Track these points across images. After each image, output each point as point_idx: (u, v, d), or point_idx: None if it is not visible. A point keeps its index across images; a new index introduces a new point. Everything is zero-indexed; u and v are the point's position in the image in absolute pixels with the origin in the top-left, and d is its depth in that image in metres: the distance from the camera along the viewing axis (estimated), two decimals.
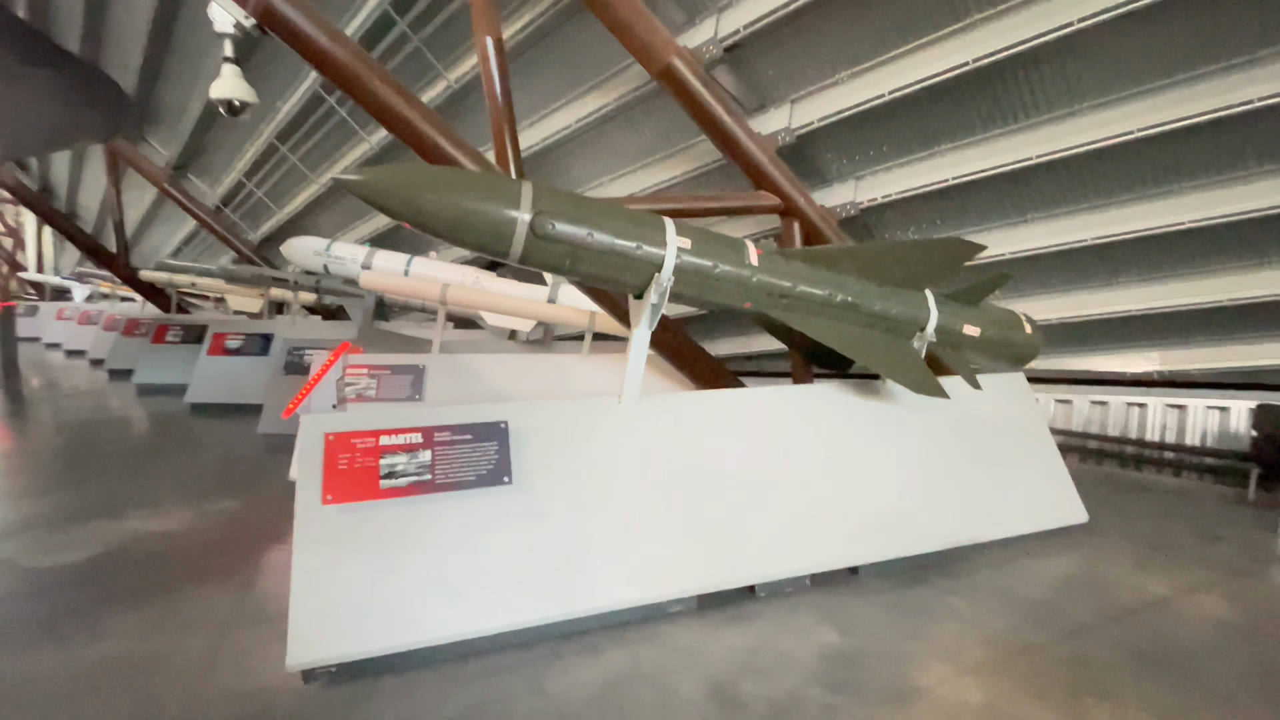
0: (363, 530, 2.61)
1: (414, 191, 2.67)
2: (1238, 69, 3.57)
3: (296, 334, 7.52)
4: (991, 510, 3.72)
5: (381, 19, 5.52)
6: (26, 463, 5.32)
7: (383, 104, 3.65)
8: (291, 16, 3.39)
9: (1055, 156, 4.09)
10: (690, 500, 3.11)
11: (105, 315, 10.90)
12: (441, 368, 5.01)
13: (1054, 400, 5.90)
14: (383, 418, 2.82)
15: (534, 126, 5.96)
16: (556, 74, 5.41)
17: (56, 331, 12.93)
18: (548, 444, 3.01)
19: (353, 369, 4.83)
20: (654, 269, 3.02)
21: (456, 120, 6.30)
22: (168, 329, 8.86)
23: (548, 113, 5.78)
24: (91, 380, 9.78)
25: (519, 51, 5.33)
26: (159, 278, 9.89)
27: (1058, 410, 5.90)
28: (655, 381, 5.14)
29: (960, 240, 3.44)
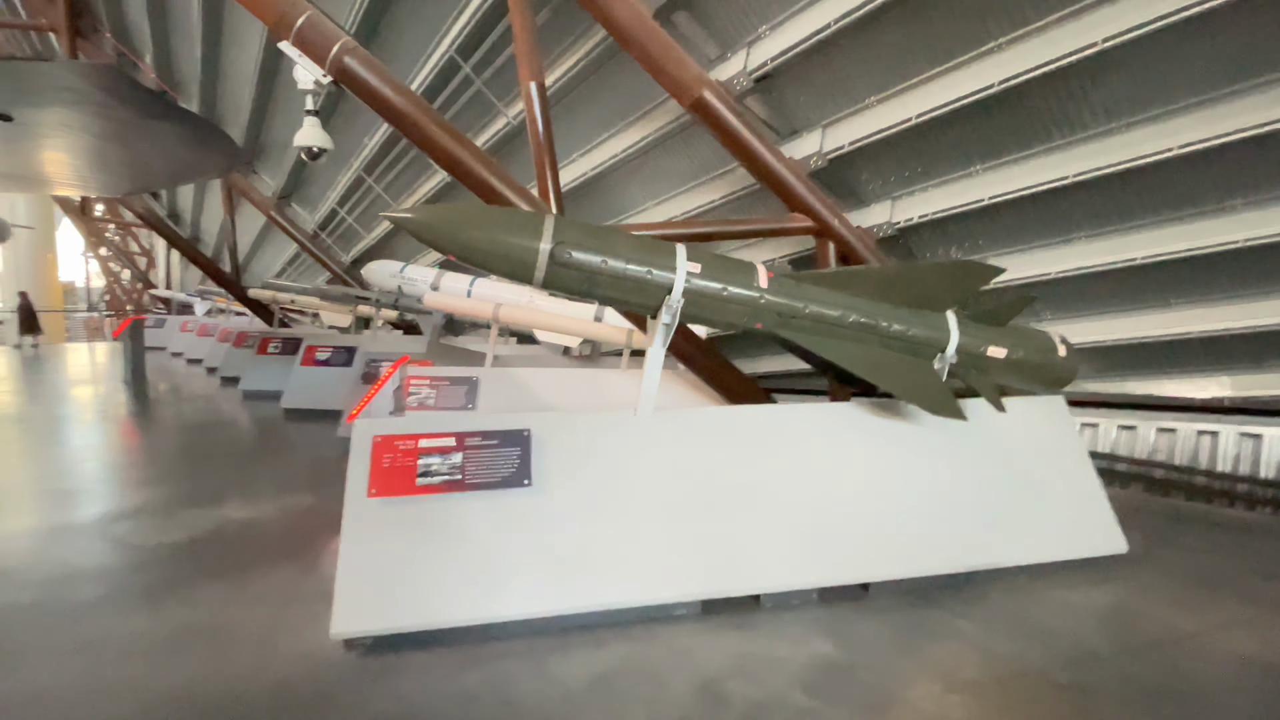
0: (400, 521, 2.97)
1: (451, 228, 3.06)
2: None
3: (376, 348, 8.24)
4: (1019, 535, 3.66)
5: (449, 64, 6.10)
6: (145, 457, 6.19)
7: (438, 145, 4.11)
8: (361, 73, 3.92)
9: (1091, 175, 4.00)
10: (699, 510, 3.29)
11: (220, 328, 12.30)
12: (493, 380, 5.43)
13: (1116, 426, 5.60)
14: (422, 423, 3.20)
15: (586, 155, 6.36)
16: (603, 108, 5.79)
17: (180, 342, 14.67)
18: (566, 452, 3.28)
19: (416, 380, 5.34)
20: (665, 292, 3.26)
21: (516, 154, 6.82)
22: (270, 341, 9.91)
23: (596, 144, 6.16)
24: (205, 386, 11.05)
25: (570, 88, 5.76)
26: (264, 295, 11.09)
27: (1120, 437, 5.60)
28: (687, 396, 5.34)
29: (975, 263, 3.46)
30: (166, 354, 15.32)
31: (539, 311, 5.67)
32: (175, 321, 15.96)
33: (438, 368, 5.50)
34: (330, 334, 9.75)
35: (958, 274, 3.51)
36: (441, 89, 6.54)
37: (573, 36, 5.35)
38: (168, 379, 11.92)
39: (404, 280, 7.28)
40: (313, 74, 3.87)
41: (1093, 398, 5.53)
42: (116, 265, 25.69)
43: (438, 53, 6.13)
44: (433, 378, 5.31)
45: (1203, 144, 3.62)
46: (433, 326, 6.70)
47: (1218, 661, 2.80)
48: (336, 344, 8.53)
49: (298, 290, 10.14)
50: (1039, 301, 5.12)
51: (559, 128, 6.32)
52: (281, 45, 3.86)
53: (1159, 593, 3.49)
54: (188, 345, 13.95)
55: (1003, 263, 4.96)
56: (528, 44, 4.27)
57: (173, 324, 15.90)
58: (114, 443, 6.72)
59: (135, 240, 21.21)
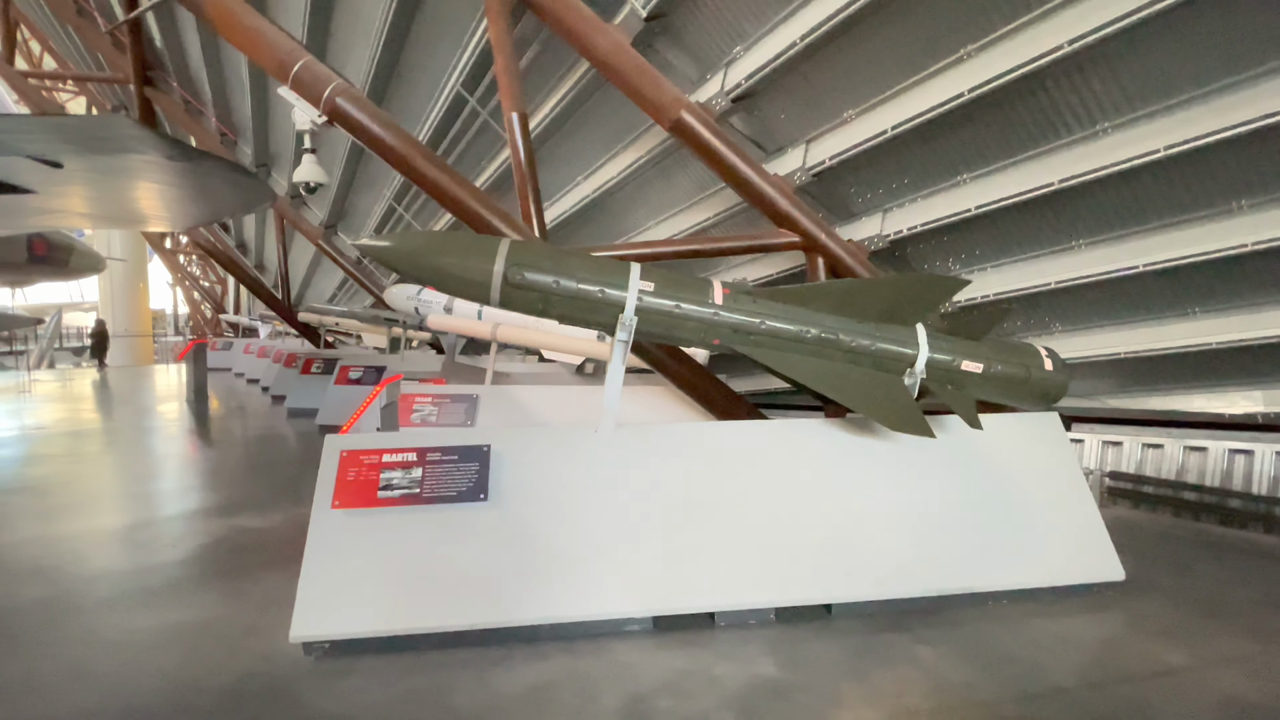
0: (361, 532, 3.13)
1: (412, 254, 3.25)
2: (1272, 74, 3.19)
3: (404, 367, 8.65)
4: (1002, 559, 3.48)
5: (457, 97, 6.44)
6: (187, 470, 6.68)
7: (425, 176, 4.35)
8: (352, 112, 4.22)
9: (1079, 181, 3.84)
10: (657, 526, 3.30)
11: (275, 350, 13.16)
12: (492, 397, 5.62)
13: (1142, 445, 5.25)
14: (387, 439, 3.38)
15: (588, 180, 6.54)
16: (597, 135, 5.97)
17: (243, 363, 15.78)
18: (526, 467, 3.38)
19: (420, 398, 5.59)
20: (618, 310, 3.34)
21: None
22: (313, 361, 10.53)
23: (595, 169, 6.34)
24: (259, 404, 11.82)
25: (566, 115, 5.98)
26: (311, 319, 11.81)
27: (1147, 456, 5.23)
28: (675, 411, 5.36)
29: (940, 275, 3.39)
30: (231, 374, 16.49)
31: (538, 331, 5.84)
32: (241, 344, 17.17)
33: (439, 386, 5.73)
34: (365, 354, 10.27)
35: (922, 286, 3.42)
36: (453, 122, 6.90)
37: (565, 67, 5.55)
38: (227, 397, 12.82)
39: (420, 303, 7.65)
40: (309, 115, 4.19)
41: (1115, 414, 5.21)
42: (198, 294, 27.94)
43: (449, 86, 6.47)
44: (435, 395, 5.54)
45: (1190, 144, 3.42)
46: (449, 346, 6.99)
47: (1195, 701, 2.59)
48: (368, 364, 8.98)
49: (337, 313, 10.77)
50: (1048, 314, 4.90)
51: (559, 155, 6.60)
52: (280, 90, 4.21)
53: (1153, 624, 3.25)
54: (249, 366, 14.99)
55: (1002, 273, 4.80)
56: (509, 77, 4.48)
57: (239, 347, 17.11)
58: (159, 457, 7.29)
59: (213, 270, 22.98)
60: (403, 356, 9.11)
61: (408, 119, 7.62)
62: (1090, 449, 5.46)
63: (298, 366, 10.95)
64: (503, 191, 7.63)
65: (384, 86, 7.24)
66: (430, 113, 6.97)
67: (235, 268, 13.02)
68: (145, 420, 9.98)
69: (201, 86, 11.03)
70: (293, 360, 11.54)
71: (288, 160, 10.60)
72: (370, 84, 7.18)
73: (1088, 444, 5.48)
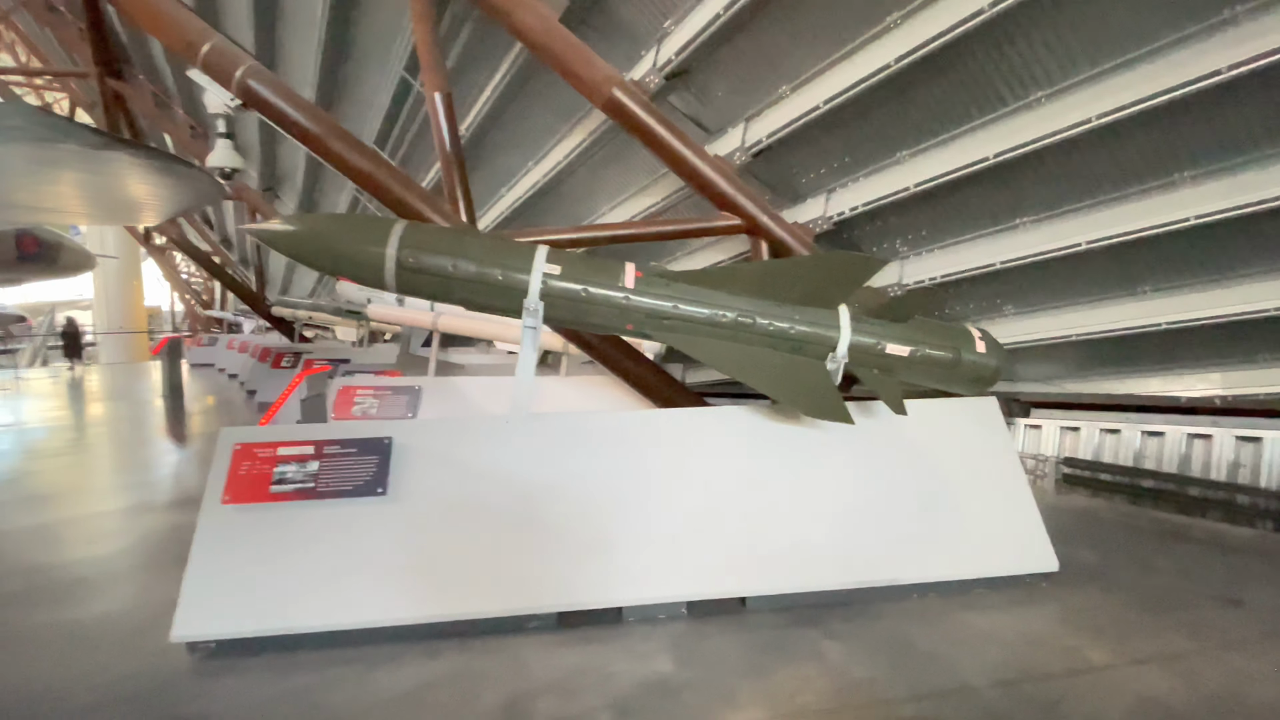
0: (251, 528, 3.02)
1: (299, 240, 3.12)
2: (1229, 24, 3.00)
3: (367, 359, 8.55)
4: (929, 550, 3.36)
5: (402, 83, 6.29)
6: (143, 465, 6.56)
7: (344, 160, 4.20)
8: (264, 93, 4.07)
9: (1013, 154, 3.67)
10: (563, 518, 3.19)
11: (253, 345, 13.09)
12: (435, 389, 5.50)
13: (1099, 430, 5.09)
14: (285, 432, 3.26)
15: (538, 164, 6.39)
16: (543, 117, 5.81)
17: (225, 359, 15.71)
18: (430, 459, 3.26)
19: (362, 390, 5.48)
20: (522, 295, 3.20)
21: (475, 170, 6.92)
22: (283, 356, 10.44)
23: (545, 153, 6.18)
24: (233, 399, 11.74)
25: (510, 96, 5.81)
26: (284, 313, 11.72)
27: (1104, 442, 5.08)
28: (622, 403, 5.24)
29: (856, 255, 3.24)
30: (215, 370, 16.43)
31: (478, 320, 5.71)
32: (226, 340, 17.11)
33: (384, 378, 5.62)
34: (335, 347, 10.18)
35: (841, 267, 3.27)
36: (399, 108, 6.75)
37: (503, 47, 5.39)
38: (204, 393, 12.75)
39: (372, 294, 7.52)
40: (221, 98, 4.05)
41: (1073, 399, 5.05)
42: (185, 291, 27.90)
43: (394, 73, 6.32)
44: (376, 388, 5.42)
45: (1122, 111, 3.24)
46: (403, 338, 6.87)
47: (1107, 702, 2.45)
48: (332, 357, 8.88)
49: (307, 306, 10.67)
50: (998, 296, 4.75)
51: (508, 140, 6.45)
52: (190, 73, 4.06)
53: (1086, 618, 3.11)
54: (230, 362, 14.91)
55: (948, 254, 4.64)
56: (431, 54, 4.32)
57: (224, 342, 17.05)
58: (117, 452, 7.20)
59: (201, 266, 22.88)
60: (365, 349, 9.00)
61: (357, 107, 7.49)
62: (1048, 435, 5.32)
63: (270, 361, 10.89)
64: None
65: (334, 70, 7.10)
66: (379, 100, 6.82)
67: (208, 261, 12.91)
68: (113, 417, 9.91)
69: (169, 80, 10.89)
70: (266, 355, 11.46)
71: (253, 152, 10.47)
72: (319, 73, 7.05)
73: (1046, 430, 5.33)
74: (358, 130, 7.70)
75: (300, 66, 7.35)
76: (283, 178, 11.51)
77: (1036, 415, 5.39)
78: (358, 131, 7.74)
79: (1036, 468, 5.21)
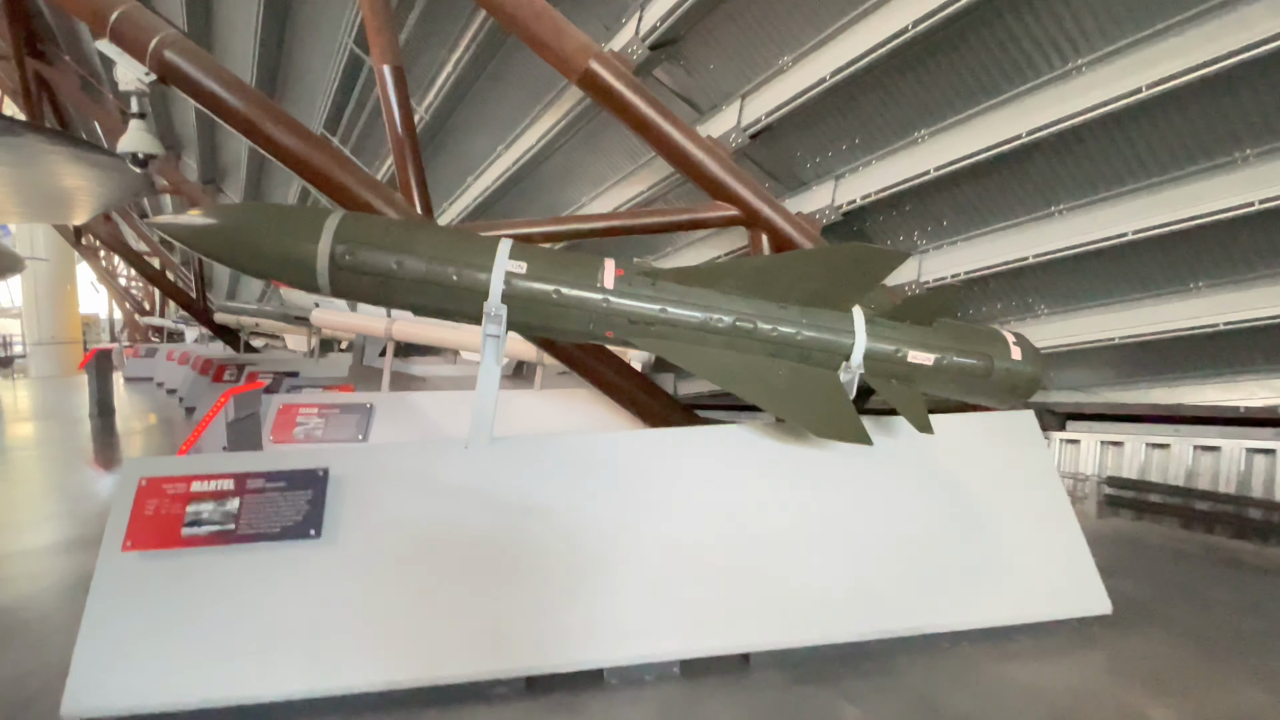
0: (158, 580, 2.76)
1: (214, 235, 2.88)
2: None
3: (317, 372, 8.26)
4: (960, 592, 3.15)
5: (353, 58, 6.05)
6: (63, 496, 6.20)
7: (279, 144, 3.95)
8: (184, 67, 3.81)
9: (1050, 131, 3.49)
10: (534, 562, 2.96)
11: (194, 356, 12.72)
12: (391, 407, 5.24)
13: (1145, 445, 4.91)
14: (201, 463, 3.00)
15: (509, 149, 6.17)
16: (513, 95, 5.59)
17: (164, 371, 15.27)
18: (374, 494, 3.02)
19: (304, 409, 5.20)
20: (481, 297, 2.97)
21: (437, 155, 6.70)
22: (225, 368, 10.12)
23: (515, 136, 5.96)
24: (170, 418, 11.37)
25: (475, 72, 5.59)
26: (229, 319, 11.39)
27: (1152, 458, 4.90)
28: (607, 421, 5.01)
29: (872, 247, 3.03)
30: (153, 385, 15.97)
31: (440, 326, 5.46)
32: (165, 350, 16.66)
33: (330, 394, 5.35)
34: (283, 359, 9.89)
35: (854, 261, 3.07)
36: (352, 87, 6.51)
37: (465, 15, 5.17)
38: (139, 411, 12.36)
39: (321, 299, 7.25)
40: (134, 72, 3.79)
41: (1115, 410, 4.87)
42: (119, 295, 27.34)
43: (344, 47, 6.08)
44: (321, 406, 5.15)
45: (1179, 79, 3.06)
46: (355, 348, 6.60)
47: None
48: (280, 369, 8.58)
49: (251, 312, 10.36)
50: (1030, 294, 4.57)
51: (474, 122, 6.22)
52: (99, 45, 3.81)
53: (1142, 667, 2.91)
54: (169, 375, 14.49)
55: (974, 247, 4.46)
56: (378, 20, 4.09)
57: (163, 353, 16.60)
58: (33, 482, 6.85)
59: (135, 267, 22.44)
60: (317, 361, 8.71)
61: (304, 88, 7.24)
62: (1087, 451, 5.14)
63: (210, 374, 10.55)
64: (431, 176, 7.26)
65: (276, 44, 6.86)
66: (327, 78, 6.58)
67: (141, 263, 12.56)
68: (35, 439, 9.52)
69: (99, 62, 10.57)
70: (207, 367, 11.11)
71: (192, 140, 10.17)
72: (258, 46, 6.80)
73: (1084, 445, 5.16)
74: (306, 113, 7.47)
75: (240, 39, 7.11)
76: (226, 169, 11.20)
77: (1073, 428, 5.22)
78: (306, 115, 7.52)
79: (1075, 488, 5.03)
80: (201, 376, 11.36)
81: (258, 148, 4.04)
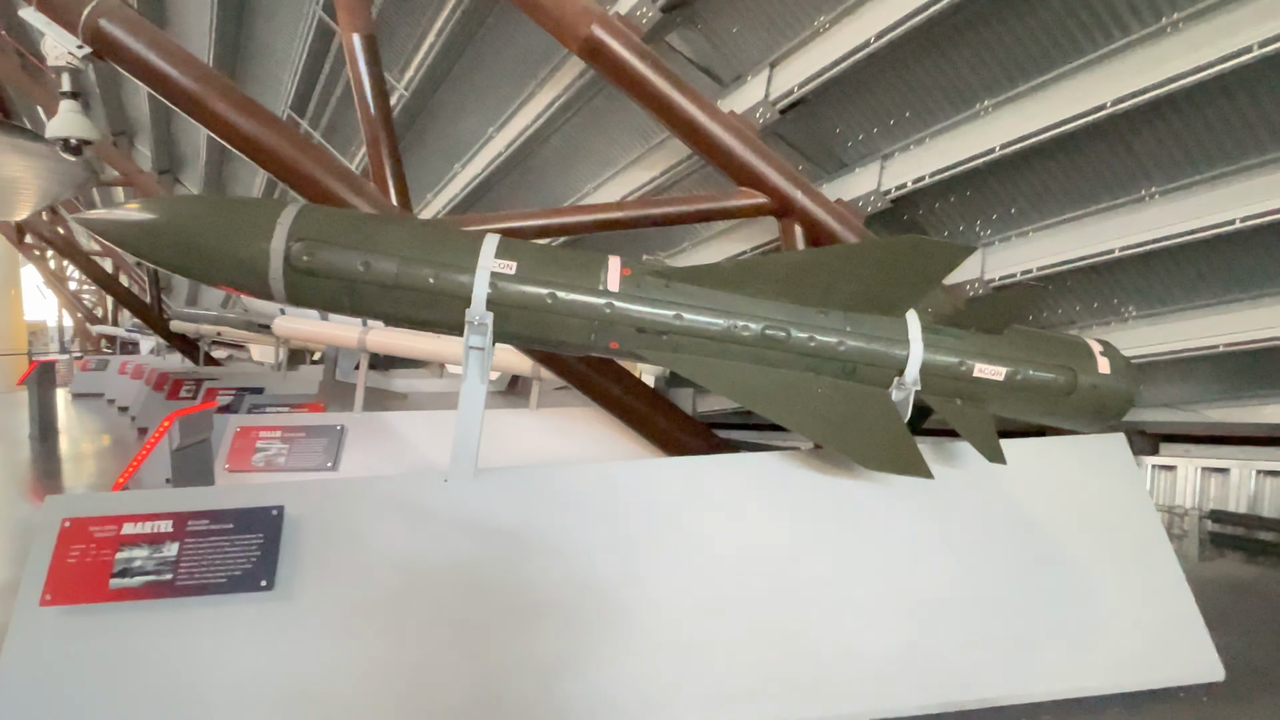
0: (81, 641, 2.67)
1: (147, 233, 2.80)
2: None
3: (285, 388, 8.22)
4: (1039, 656, 3.00)
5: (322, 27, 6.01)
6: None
7: (230, 125, 3.88)
8: (122, 38, 3.76)
9: (1141, 99, 3.33)
10: (523, 620, 2.84)
11: (148, 369, 12.76)
12: (364, 429, 5.15)
13: (1256, 472, 4.70)
14: (133, 500, 2.90)
15: (501, 131, 6.10)
16: (504, 68, 5.52)
17: (116, 386, 15.34)
18: (337, 537, 2.93)
19: (266, 433, 5.12)
20: (464, 303, 2.86)
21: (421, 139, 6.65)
22: (182, 384, 10.13)
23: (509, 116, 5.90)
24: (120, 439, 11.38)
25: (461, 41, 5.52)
26: (187, 328, 11.41)
27: (1263, 488, 4.70)
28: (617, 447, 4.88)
29: (931, 240, 2.89)
30: (104, 401, 16.05)
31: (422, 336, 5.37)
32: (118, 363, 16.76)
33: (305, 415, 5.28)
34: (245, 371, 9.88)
35: (909, 256, 2.94)
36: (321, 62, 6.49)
37: None
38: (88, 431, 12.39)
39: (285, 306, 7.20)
40: (64, 45, 3.74)
41: (1218, 431, 4.67)
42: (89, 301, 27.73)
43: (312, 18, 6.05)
44: (285, 429, 5.07)
45: None
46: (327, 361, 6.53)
47: None
48: (243, 385, 8.56)
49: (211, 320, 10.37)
50: (1115, 294, 4.40)
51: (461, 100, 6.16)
52: (24, 13, 3.76)
53: None
54: (121, 390, 14.54)
55: (1048, 238, 4.31)
56: None
57: (115, 366, 16.70)
58: None
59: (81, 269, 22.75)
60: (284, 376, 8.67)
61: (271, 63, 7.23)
62: (1185, 479, 4.95)
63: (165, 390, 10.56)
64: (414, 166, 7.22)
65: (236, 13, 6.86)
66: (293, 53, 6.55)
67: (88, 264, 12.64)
68: None
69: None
70: (162, 382, 11.12)
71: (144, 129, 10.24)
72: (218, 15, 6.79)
73: (1182, 472, 4.97)
74: (271, 94, 7.46)
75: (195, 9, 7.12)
76: (184, 158, 11.27)
77: (1169, 452, 5.03)
78: (271, 96, 7.51)
79: (1171, 523, 4.83)
80: (156, 393, 11.39)
81: (206, 130, 3.97)
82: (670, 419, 4.56)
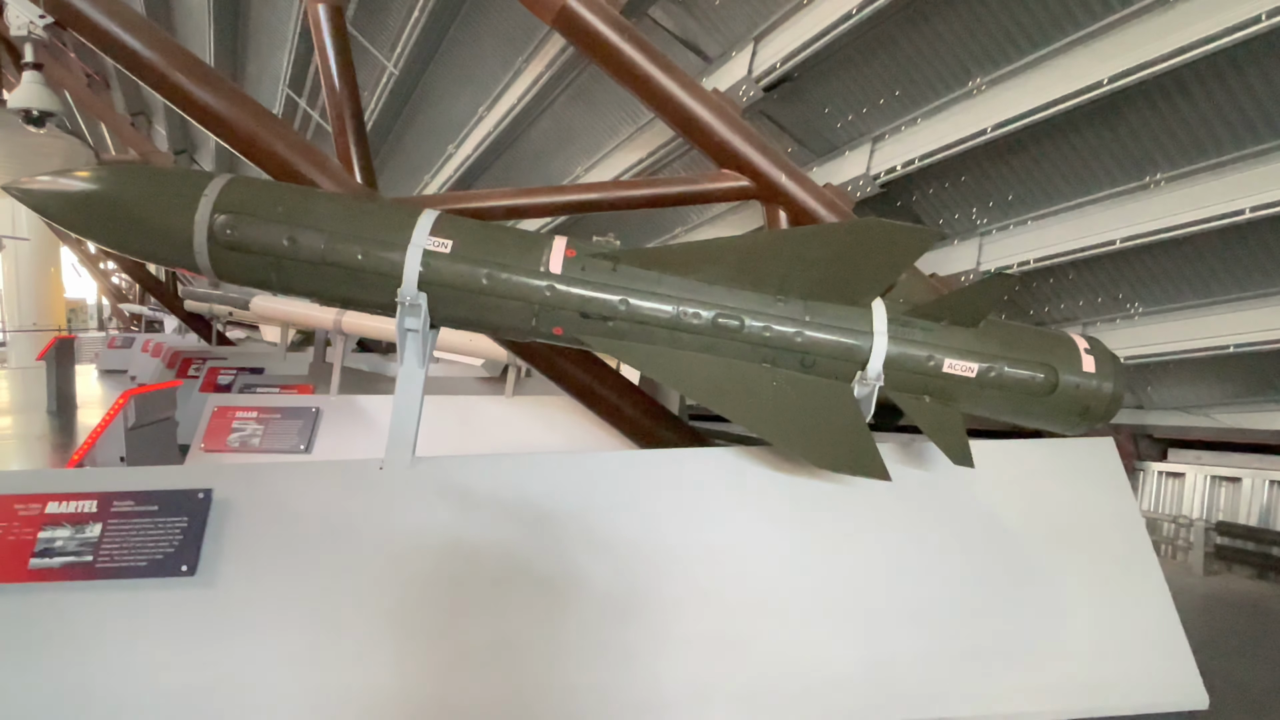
0: None
1: (70, 203, 2.72)
2: None
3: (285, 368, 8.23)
4: (1003, 675, 2.79)
5: None
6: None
7: (193, 99, 3.79)
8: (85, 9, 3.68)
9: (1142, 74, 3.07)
10: (458, 615, 2.71)
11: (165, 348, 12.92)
12: (339, 412, 5.07)
13: (1269, 482, 4.41)
14: (57, 478, 2.83)
15: (491, 110, 5.96)
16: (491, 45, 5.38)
17: (138, 364, 15.61)
18: (267, 523, 2.82)
19: (241, 413, 5.07)
20: (395, 282, 2.72)
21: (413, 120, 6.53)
22: (192, 361, 10.21)
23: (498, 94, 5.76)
24: None
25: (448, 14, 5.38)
26: (200, 307, 11.52)
27: (1274, 499, 4.40)
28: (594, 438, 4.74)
29: (897, 224, 2.68)
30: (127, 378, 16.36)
31: None
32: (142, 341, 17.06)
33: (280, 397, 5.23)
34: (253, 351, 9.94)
35: (871, 241, 2.73)
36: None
37: None
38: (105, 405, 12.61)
39: None
40: (26, 14, 3.66)
41: (1228, 436, 4.39)
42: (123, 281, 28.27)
43: None
44: (261, 410, 5.01)
45: None
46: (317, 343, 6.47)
47: None
48: (245, 365, 8.59)
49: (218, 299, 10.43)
50: (1118, 287, 4.14)
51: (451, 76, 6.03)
52: None
53: None
54: (142, 367, 14.79)
55: (1047, 228, 4.08)
56: None
57: (139, 344, 17.00)
58: None
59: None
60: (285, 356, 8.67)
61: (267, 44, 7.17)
62: (1193, 488, 4.68)
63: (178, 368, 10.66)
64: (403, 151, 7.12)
65: None
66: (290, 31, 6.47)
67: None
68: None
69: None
70: (174, 360, 11.25)
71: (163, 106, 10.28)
72: None
73: (1190, 480, 4.70)
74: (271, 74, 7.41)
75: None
76: (199, 138, 11.32)
77: (1177, 458, 4.77)
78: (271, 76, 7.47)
79: (1176, 534, 4.55)
80: (168, 370, 11.52)
81: (171, 105, 3.89)
82: (640, 409, 4.39)
